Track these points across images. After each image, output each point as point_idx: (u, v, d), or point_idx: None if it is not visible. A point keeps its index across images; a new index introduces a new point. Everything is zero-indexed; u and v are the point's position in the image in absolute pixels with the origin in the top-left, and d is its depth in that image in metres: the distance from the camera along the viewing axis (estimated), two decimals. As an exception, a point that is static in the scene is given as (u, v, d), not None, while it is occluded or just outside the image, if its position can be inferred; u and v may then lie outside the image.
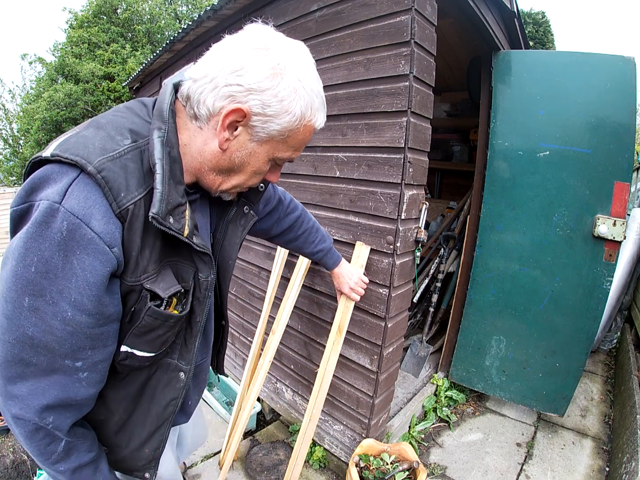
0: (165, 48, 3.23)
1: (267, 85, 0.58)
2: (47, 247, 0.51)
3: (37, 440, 0.61)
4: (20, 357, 0.55)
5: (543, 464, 1.97)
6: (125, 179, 0.55)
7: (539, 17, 12.45)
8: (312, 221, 1.32)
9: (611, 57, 1.88)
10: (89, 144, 0.54)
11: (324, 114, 0.67)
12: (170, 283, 0.65)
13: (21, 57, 10.11)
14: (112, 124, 0.59)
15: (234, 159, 0.65)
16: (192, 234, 0.64)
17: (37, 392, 0.57)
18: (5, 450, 2.12)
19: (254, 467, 1.88)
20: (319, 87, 0.64)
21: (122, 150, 0.56)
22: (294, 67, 0.60)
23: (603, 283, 1.93)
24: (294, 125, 0.62)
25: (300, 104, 0.61)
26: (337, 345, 1.60)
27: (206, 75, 0.59)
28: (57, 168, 0.53)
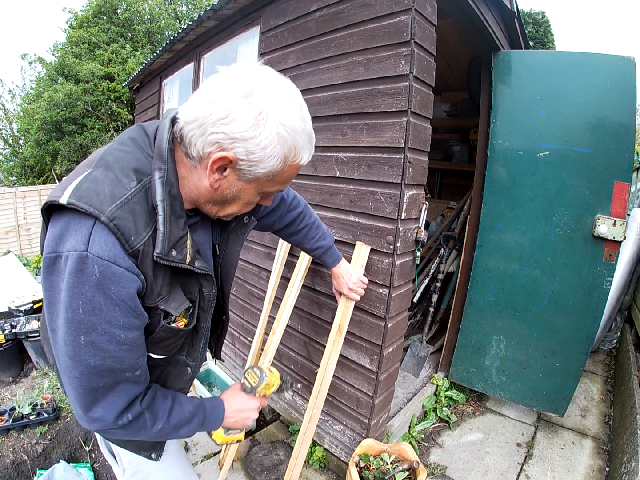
0: (165, 48, 3.23)
1: (250, 135, 0.62)
2: (87, 289, 0.59)
3: (127, 430, 0.72)
4: (90, 387, 0.65)
5: (543, 464, 1.97)
6: (134, 223, 0.63)
7: (539, 17, 12.45)
8: (314, 218, 1.34)
9: (611, 57, 1.88)
10: (99, 190, 0.61)
11: (311, 149, 0.71)
12: (180, 302, 0.74)
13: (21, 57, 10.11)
14: (119, 163, 0.65)
15: (226, 195, 0.71)
16: (194, 259, 0.73)
17: (110, 407, 0.68)
18: (5, 450, 2.12)
19: (254, 467, 1.88)
20: (303, 125, 0.67)
21: (129, 195, 0.63)
22: (277, 113, 0.63)
23: (603, 283, 1.93)
24: (278, 168, 0.67)
25: (284, 148, 0.65)
26: (337, 345, 1.60)
27: (196, 120, 0.63)
28: (75, 218, 0.60)
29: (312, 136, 0.71)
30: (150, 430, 0.75)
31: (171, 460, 1.03)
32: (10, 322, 3.10)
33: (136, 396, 0.73)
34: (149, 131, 0.72)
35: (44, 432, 2.26)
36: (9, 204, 6.01)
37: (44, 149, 7.99)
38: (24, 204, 6.16)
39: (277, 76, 0.67)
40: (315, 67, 1.78)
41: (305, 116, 0.68)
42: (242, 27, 2.38)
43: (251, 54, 2.33)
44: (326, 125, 1.75)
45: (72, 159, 7.83)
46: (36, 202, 6.30)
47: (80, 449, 2.22)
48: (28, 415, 2.26)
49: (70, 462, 2.02)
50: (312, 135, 0.71)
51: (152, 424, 0.75)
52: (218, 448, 2.03)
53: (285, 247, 1.95)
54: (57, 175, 7.77)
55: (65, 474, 1.82)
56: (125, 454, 0.96)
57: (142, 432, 0.75)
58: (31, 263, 5.71)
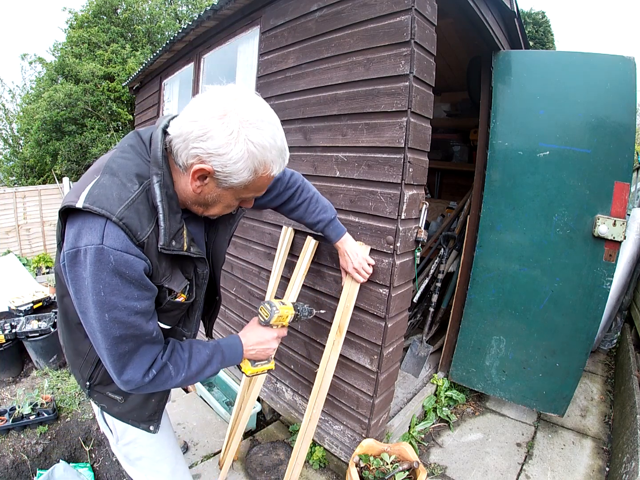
0: (165, 48, 3.23)
1: (224, 151, 0.72)
2: (106, 275, 0.72)
3: (156, 383, 0.86)
4: (118, 354, 0.79)
5: (543, 464, 1.97)
6: (139, 221, 0.75)
7: (539, 17, 12.45)
8: (313, 192, 1.37)
9: (611, 57, 1.88)
10: (109, 194, 0.73)
11: (282, 162, 0.82)
12: (180, 281, 0.89)
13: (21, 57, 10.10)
14: (122, 169, 0.77)
15: (207, 199, 0.83)
16: (190, 246, 0.86)
17: (137, 368, 0.82)
18: (5, 450, 2.12)
19: (254, 467, 1.88)
20: (273, 142, 0.76)
21: (133, 197, 0.75)
22: (247, 132, 0.73)
23: (603, 283, 1.92)
24: (250, 179, 0.78)
25: (254, 163, 0.75)
26: (337, 345, 1.60)
27: (180, 135, 0.75)
28: (89, 219, 0.72)
29: (282, 150, 0.80)
30: (176, 379, 0.88)
31: (161, 436, 1.13)
32: (10, 322, 3.10)
33: (157, 354, 0.86)
34: (144, 138, 0.83)
35: (44, 432, 2.26)
36: (9, 204, 6.01)
37: (44, 149, 7.98)
38: (24, 204, 6.16)
39: (251, 98, 0.76)
40: (315, 67, 1.78)
41: (276, 134, 0.77)
42: (242, 27, 2.38)
43: (251, 54, 2.33)
44: (326, 125, 1.75)
45: (72, 159, 7.82)
46: (36, 202, 6.30)
47: (80, 449, 2.22)
48: (28, 415, 2.26)
49: (70, 462, 2.02)
50: (284, 149, 0.81)
51: (176, 374, 0.88)
52: (218, 448, 2.03)
53: (285, 247, 1.95)
54: (57, 175, 7.76)
55: (65, 474, 1.82)
56: (119, 425, 1.07)
57: (169, 382, 0.88)
58: (31, 263, 5.71)
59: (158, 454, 1.15)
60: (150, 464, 1.15)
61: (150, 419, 1.07)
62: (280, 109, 2.02)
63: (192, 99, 0.78)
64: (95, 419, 2.36)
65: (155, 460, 1.15)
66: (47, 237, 6.51)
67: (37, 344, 2.97)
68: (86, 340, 0.90)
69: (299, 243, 1.90)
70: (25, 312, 3.49)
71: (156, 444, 1.13)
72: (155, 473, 1.16)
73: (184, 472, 1.24)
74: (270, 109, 0.79)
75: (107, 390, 1.01)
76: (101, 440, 2.24)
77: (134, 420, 1.05)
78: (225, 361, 0.99)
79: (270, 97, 2.08)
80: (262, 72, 2.15)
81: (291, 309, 1.12)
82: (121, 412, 1.04)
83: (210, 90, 0.76)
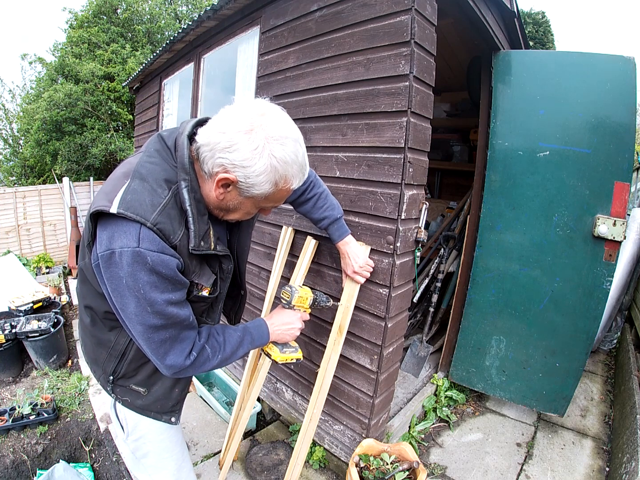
0: (165, 48, 3.23)
1: (248, 164, 0.77)
2: (144, 274, 0.77)
3: (196, 365, 0.92)
4: (160, 340, 0.84)
5: (543, 464, 1.97)
6: (171, 225, 0.80)
7: (539, 17, 12.45)
8: (323, 188, 1.40)
9: (611, 57, 1.88)
10: (142, 200, 0.77)
11: (302, 177, 0.87)
12: (209, 276, 0.94)
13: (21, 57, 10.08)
14: (152, 175, 0.81)
15: (229, 205, 0.89)
16: (216, 245, 0.92)
17: (179, 352, 0.88)
18: (5, 450, 2.12)
19: (254, 467, 1.88)
20: (294, 157, 0.81)
21: (164, 202, 0.80)
22: (272, 146, 0.77)
23: (603, 283, 1.92)
24: (270, 190, 0.83)
25: (275, 176, 0.80)
26: (337, 345, 1.60)
27: (208, 144, 0.79)
28: (124, 223, 0.76)
29: (303, 165, 0.85)
30: (213, 361, 0.95)
31: (170, 433, 1.15)
32: (10, 322, 3.10)
33: (195, 338, 0.92)
34: (169, 143, 0.87)
35: (44, 432, 2.25)
36: (9, 204, 6.00)
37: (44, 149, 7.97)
38: (24, 204, 6.15)
39: (277, 115, 0.81)
40: (316, 67, 1.78)
41: (298, 150, 0.82)
42: (242, 27, 2.38)
43: (251, 54, 2.32)
44: (326, 125, 1.75)
45: (72, 159, 7.81)
46: (36, 202, 6.30)
47: (80, 449, 2.22)
48: (28, 415, 2.26)
49: (70, 462, 2.01)
50: (304, 164, 0.86)
51: (213, 355, 0.95)
52: (218, 448, 2.03)
53: (285, 247, 1.95)
54: (57, 175, 7.75)
55: (65, 474, 1.82)
56: (131, 420, 1.09)
57: (207, 364, 0.95)
58: (31, 263, 5.70)
59: (166, 450, 1.16)
60: (157, 460, 1.16)
61: (173, 409, 1.11)
62: (280, 109, 2.02)
63: (222, 109, 0.82)
64: (95, 419, 2.36)
65: (163, 457, 1.16)
66: (47, 237, 6.50)
67: (37, 344, 2.97)
68: (111, 332, 0.97)
69: (299, 243, 1.90)
70: (25, 312, 3.48)
71: (165, 441, 1.14)
72: (160, 470, 1.17)
73: (189, 470, 1.25)
74: (293, 125, 0.84)
75: (131, 382, 1.04)
76: (101, 440, 2.24)
77: (157, 413, 1.08)
78: (255, 342, 1.08)
79: (270, 97, 2.07)
80: (262, 72, 2.15)
81: (310, 292, 1.24)
82: (144, 404, 1.07)
83: (240, 102, 0.82)
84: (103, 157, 7.95)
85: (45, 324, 3.13)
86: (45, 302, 3.85)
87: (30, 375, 2.98)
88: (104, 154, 7.84)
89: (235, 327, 1.06)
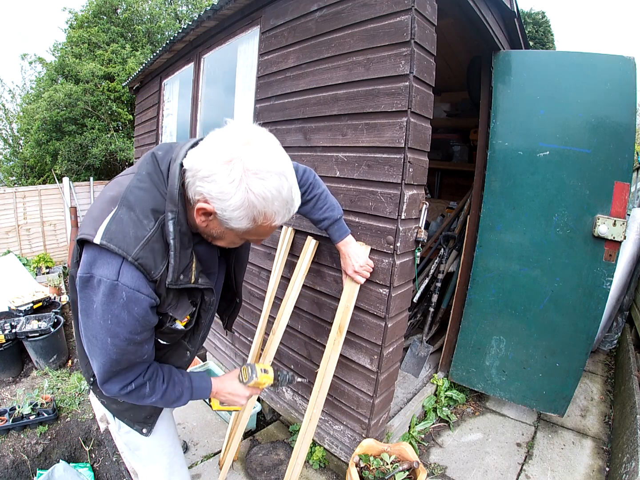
0: (165, 48, 3.23)
1: (224, 197, 0.73)
2: (115, 307, 0.77)
3: (131, 396, 0.91)
4: (110, 370, 0.85)
5: (543, 464, 1.97)
6: (153, 260, 0.79)
7: (539, 17, 12.45)
8: (322, 189, 1.39)
9: (611, 57, 1.88)
10: (126, 232, 0.77)
11: (285, 213, 0.80)
12: (185, 309, 0.92)
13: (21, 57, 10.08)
14: (140, 204, 0.80)
15: (213, 233, 0.86)
16: (198, 278, 0.89)
17: (120, 381, 0.88)
18: (5, 450, 2.12)
19: (254, 467, 1.88)
20: (277, 193, 0.75)
21: (149, 236, 0.78)
22: (250, 180, 0.72)
23: (603, 283, 1.92)
24: (248, 226, 0.78)
25: (253, 212, 0.75)
26: (337, 345, 1.60)
27: (191, 170, 0.77)
28: (107, 255, 0.77)
29: (288, 201, 0.79)
30: (148, 399, 0.94)
31: (159, 428, 1.17)
32: (10, 322, 3.10)
33: (142, 372, 0.92)
34: (162, 167, 0.85)
35: (44, 432, 2.26)
36: (9, 204, 6.00)
37: (44, 149, 7.97)
38: (24, 204, 6.16)
39: (262, 144, 0.75)
40: (315, 67, 1.78)
41: (282, 185, 0.75)
42: (242, 27, 2.38)
43: (251, 54, 2.32)
44: (326, 125, 1.75)
45: (72, 159, 7.81)
46: (36, 202, 6.30)
47: (80, 449, 2.22)
48: (28, 415, 2.26)
49: (70, 462, 2.02)
50: (290, 200, 0.79)
51: (150, 395, 0.94)
52: (218, 448, 2.03)
53: (285, 247, 1.95)
54: (57, 175, 7.75)
55: (65, 474, 1.82)
56: None
57: (142, 400, 0.94)
58: (31, 263, 5.70)
59: (157, 444, 1.19)
60: (149, 454, 1.19)
61: (146, 421, 1.12)
62: (280, 109, 2.02)
63: (212, 132, 0.79)
64: (95, 419, 2.36)
65: (155, 450, 1.19)
66: (47, 237, 6.50)
67: (37, 344, 2.97)
68: None
69: (299, 243, 1.90)
70: (25, 312, 3.49)
71: (154, 435, 1.17)
72: (153, 463, 1.21)
73: (181, 465, 1.28)
74: (280, 156, 0.78)
75: None
76: (101, 440, 2.24)
77: (129, 420, 1.11)
78: (194, 397, 1.06)
79: (270, 97, 2.08)
80: (262, 72, 2.15)
81: (270, 379, 1.18)
82: (118, 409, 1.10)
83: (228, 127, 0.78)
84: (103, 157, 7.95)
85: (45, 324, 3.13)
86: (45, 302, 3.85)
87: (30, 375, 2.98)
88: (104, 154, 7.85)
89: (182, 380, 1.03)
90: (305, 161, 1.86)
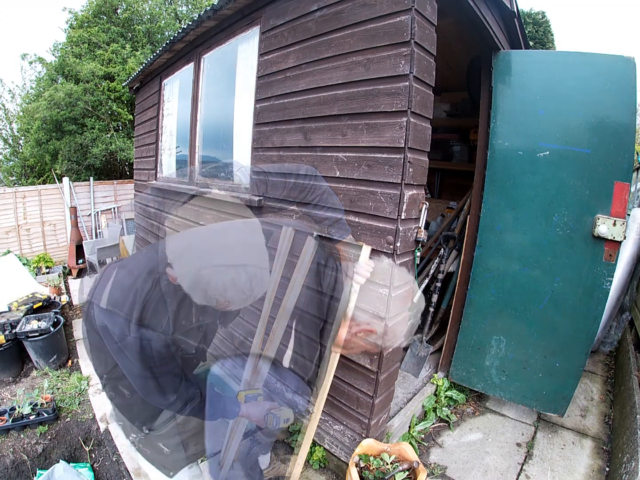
0: (165, 48, 3.23)
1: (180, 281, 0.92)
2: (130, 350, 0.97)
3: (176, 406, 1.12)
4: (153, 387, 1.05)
5: (543, 464, 1.97)
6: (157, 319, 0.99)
7: (539, 17, 12.44)
8: (323, 188, 1.45)
9: (611, 57, 1.88)
10: (126, 296, 0.95)
11: (243, 299, 0.92)
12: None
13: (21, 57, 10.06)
14: (139, 267, 1.00)
15: None
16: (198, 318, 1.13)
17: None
18: (5, 450, 2.12)
19: (254, 467, 1.87)
20: (231, 285, 0.88)
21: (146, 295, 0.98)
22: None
23: (603, 283, 1.92)
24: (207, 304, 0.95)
25: (205, 296, 0.90)
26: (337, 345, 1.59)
27: None
28: (114, 316, 0.95)
29: (244, 290, 0.91)
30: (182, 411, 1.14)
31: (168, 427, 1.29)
32: (10, 322, 3.10)
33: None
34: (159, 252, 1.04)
35: (44, 432, 2.25)
36: (9, 204, 6.00)
37: (44, 148, 7.96)
38: (24, 204, 6.15)
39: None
40: (315, 67, 1.78)
41: (237, 277, 0.88)
42: (242, 27, 2.38)
43: (251, 54, 2.32)
44: (326, 125, 1.75)
45: (72, 159, 7.81)
46: (36, 202, 6.29)
47: (80, 449, 2.22)
48: (28, 415, 2.26)
49: (70, 462, 2.01)
50: (245, 289, 0.91)
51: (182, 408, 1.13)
52: (218, 448, 2.03)
53: (285, 247, 1.94)
54: (57, 175, 7.75)
55: (65, 474, 1.81)
56: None
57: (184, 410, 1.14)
58: (31, 263, 5.70)
59: None
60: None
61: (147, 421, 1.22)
62: (280, 109, 2.02)
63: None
64: (95, 419, 2.36)
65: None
66: (47, 237, 6.50)
67: (37, 344, 2.97)
68: None
69: (299, 243, 1.90)
70: (25, 312, 3.48)
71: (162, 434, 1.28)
72: None
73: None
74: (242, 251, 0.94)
75: (119, 383, 1.16)
76: (101, 440, 2.24)
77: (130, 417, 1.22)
78: None
79: (270, 97, 2.08)
80: (262, 72, 2.14)
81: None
82: (124, 405, 1.20)
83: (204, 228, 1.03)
84: (103, 157, 7.94)
85: (45, 324, 3.13)
86: (45, 302, 3.85)
87: (30, 375, 2.98)
88: (104, 154, 7.84)
89: None
90: (305, 161, 1.86)
